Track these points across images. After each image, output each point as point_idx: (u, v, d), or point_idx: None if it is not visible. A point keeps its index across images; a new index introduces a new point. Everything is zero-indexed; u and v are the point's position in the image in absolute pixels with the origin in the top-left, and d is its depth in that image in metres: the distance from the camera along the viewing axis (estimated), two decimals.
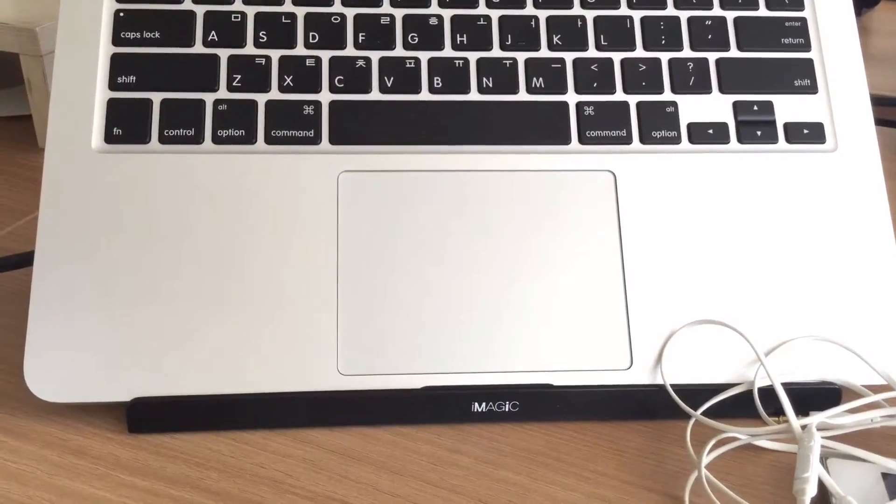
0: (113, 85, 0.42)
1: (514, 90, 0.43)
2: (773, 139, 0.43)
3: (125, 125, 0.41)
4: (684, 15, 0.45)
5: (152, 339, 0.38)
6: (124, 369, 0.38)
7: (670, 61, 0.44)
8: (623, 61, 0.44)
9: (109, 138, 0.41)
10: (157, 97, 0.42)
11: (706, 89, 0.44)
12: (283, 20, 0.43)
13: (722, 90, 0.44)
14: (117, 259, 0.39)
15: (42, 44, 0.56)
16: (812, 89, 0.44)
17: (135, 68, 0.42)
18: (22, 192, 0.55)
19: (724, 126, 0.43)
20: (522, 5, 0.44)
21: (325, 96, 0.42)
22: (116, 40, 0.42)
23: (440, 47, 0.43)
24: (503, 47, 0.43)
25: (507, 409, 0.39)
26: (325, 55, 0.43)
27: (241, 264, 0.39)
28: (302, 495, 0.36)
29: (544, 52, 0.44)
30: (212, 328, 0.39)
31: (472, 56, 0.43)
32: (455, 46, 0.43)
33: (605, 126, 0.43)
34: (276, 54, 0.43)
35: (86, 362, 0.38)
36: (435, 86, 0.43)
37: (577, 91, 0.43)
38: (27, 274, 0.40)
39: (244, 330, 0.39)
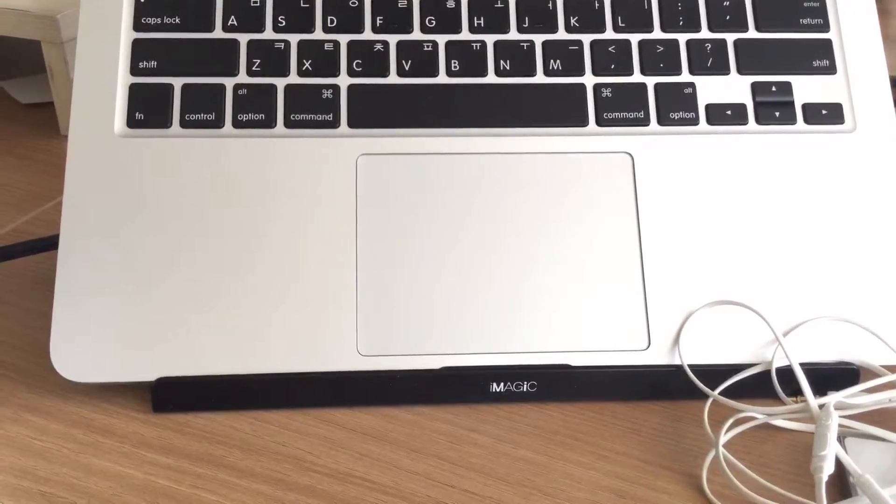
0: (134, 70, 0.42)
1: (532, 73, 0.43)
2: (791, 120, 0.43)
3: (147, 110, 0.41)
4: None
5: (176, 319, 0.39)
6: (148, 350, 0.38)
7: (688, 42, 0.44)
8: (640, 43, 0.44)
9: (131, 123, 0.41)
10: (178, 82, 0.42)
11: (724, 70, 0.44)
12: (302, 4, 0.43)
13: (740, 71, 0.44)
14: (140, 242, 0.40)
15: (63, 31, 0.57)
16: (830, 70, 0.44)
17: (156, 53, 0.42)
18: (44, 178, 0.56)
19: (742, 107, 0.43)
20: None
21: (343, 80, 0.43)
22: (137, 26, 0.43)
23: (457, 30, 0.43)
24: (520, 30, 0.44)
25: (525, 390, 0.39)
26: (344, 39, 0.43)
27: (261, 247, 0.40)
28: (323, 473, 0.36)
29: (561, 34, 0.44)
30: (234, 309, 0.39)
31: (490, 39, 0.43)
32: (472, 29, 0.43)
33: (622, 108, 0.43)
34: (294, 39, 0.43)
35: (110, 343, 0.38)
36: (452, 69, 0.43)
37: (595, 73, 0.43)
38: (51, 258, 0.40)
39: (265, 311, 0.39)
